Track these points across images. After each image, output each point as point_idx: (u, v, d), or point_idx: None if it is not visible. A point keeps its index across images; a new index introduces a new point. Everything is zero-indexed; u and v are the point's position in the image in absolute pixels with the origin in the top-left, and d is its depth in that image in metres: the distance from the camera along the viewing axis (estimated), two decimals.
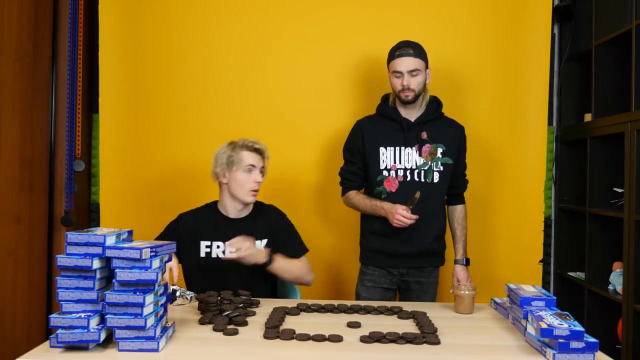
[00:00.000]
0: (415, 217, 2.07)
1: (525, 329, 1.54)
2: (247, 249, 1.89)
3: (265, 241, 2.06)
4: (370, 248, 2.25)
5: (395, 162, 2.19)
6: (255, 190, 2.03)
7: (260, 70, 2.79)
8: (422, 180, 2.19)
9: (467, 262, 2.31)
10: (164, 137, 2.79)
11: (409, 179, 2.18)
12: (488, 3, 2.77)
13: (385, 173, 2.20)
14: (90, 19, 2.84)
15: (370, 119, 2.31)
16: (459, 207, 2.34)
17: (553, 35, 2.84)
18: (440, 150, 2.21)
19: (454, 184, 2.28)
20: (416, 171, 2.19)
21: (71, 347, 1.39)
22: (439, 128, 2.23)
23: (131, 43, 2.80)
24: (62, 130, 2.78)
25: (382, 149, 2.21)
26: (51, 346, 1.39)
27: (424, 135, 2.21)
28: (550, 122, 2.84)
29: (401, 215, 2.06)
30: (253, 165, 2.02)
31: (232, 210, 2.07)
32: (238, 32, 2.79)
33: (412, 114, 2.23)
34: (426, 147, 2.20)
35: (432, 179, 2.19)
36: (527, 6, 2.77)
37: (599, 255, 2.54)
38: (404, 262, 2.22)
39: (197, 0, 2.79)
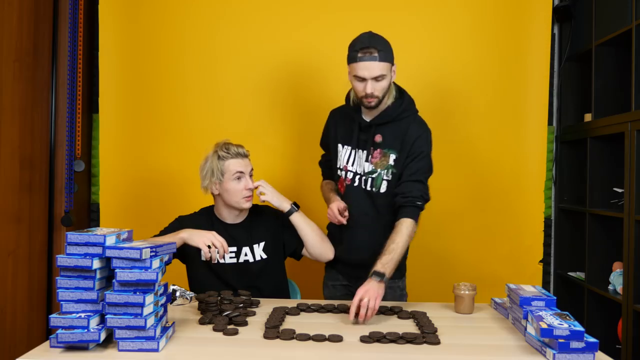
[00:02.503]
0: (343, 220, 1.98)
1: (525, 329, 1.54)
2: (272, 192, 2.04)
3: (262, 244, 2.06)
4: None
5: (347, 163, 2.04)
6: (249, 196, 2.02)
7: (261, 69, 2.79)
8: (368, 187, 1.98)
9: (382, 278, 1.74)
10: (164, 137, 2.79)
11: (356, 183, 2.01)
12: (488, 3, 2.77)
13: (339, 172, 2.07)
14: (90, 19, 2.84)
15: (339, 111, 2.14)
16: (403, 221, 1.87)
17: (553, 35, 2.84)
18: (393, 157, 1.95)
19: (397, 191, 1.93)
20: (363, 177, 2.00)
21: (71, 347, 1.39)
22: (397, 131, 1.95)
23: (131, 43, 2.80)
24: (62, 130, 2.78)
25: (339, 146, 2.06)
26: (51, 346, 1.39)
27: (378, 138, 1.96)
28: (550, 122, 2.84)
29: (333, 209, 1.98)
30: (242, 172, 2.00)
31: (229, 216, 2.07)
32: (238, 32, 2.79)
33: (371, 113, 1.98)
34: (377, 153, 1.97)
35: (379, 188, 1.97)
36: (527, 6, 2.77)
37: (599, 255, 2.54)
38: (349, 270, 2.10)
39: (197, 0, 2.79)
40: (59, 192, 2.78)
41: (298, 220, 2.05)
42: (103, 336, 1.39)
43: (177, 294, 1.89)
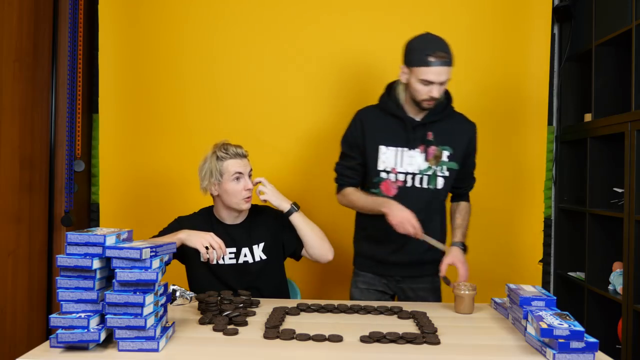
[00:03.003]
0: (420, 236, 1.91)
1: (525, 329, 1.54)
2: (272, 191, 2.04)
3: (262, 244, 2.06)
4: (362, 252, 2.16)
5: (395, 165, 2.01)
6: (248, 197, 2.01)
7: (260, 69, 2.79)
8: (425, 186, 2.02)
9: (465, 248, 2.08)
10: (163, 137, 2.79)
11: (409, 184, 2.01)
12: (488, 3, 2.77)
13: (383, 175, 2.02)
14: (90, 19, 2.84)
15: (372, 111, 2.08)
16: (463, 203, 2.17)
17: (553, 35, 2.84)
18: (446, 153, 2.02)
19: (460, 185, 2.13)
20: (418, 176, 2.01)
21: (71, 347, 1.39)
22: (447, 128, 2.02)
23: (131, 43, 2.80)
24: (62, 130, 2.78)
25: (382, 148, 2.01)
26: (51, 346, 1.39)
27: (430, 136, 2.01)
28: (550, 122, 2.84)
29: (409, 224, 1.88)
30: (240, 173, 1.99)
31: (228, 217, 2.07)
32: (238, 32, 2.79)
33: (419, 112, 2.01)
34: (431, 150, 2.01)
35: (436, 184, 2.03)
36: (527, 6, 2.77)
37: (599, 255, 2.55)
38: (395, 271, 2.10)
39: (197, 1, 2.79)
40: (59, 192, 2.78)
41: (298, 220, 2.05)
42: (103, 336, 1.39)
43: (177, 294, 1.89)
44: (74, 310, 1.39)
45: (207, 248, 1.86)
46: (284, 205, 2.05)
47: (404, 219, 1.90)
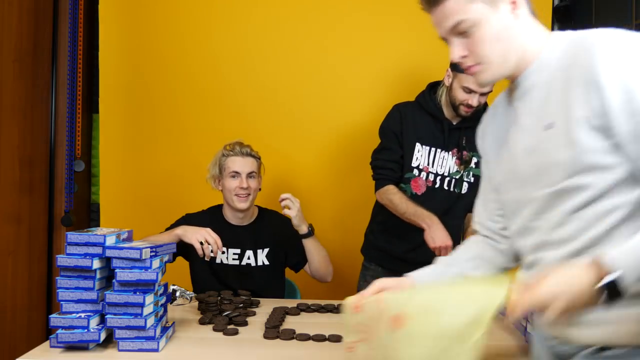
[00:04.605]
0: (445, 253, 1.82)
1: (525, 329, 1.54)
2: (298, 210, 1.99)
3: (266, 250, 2.06)
4: (376, 245, 2.16)
5: (428, 164, 2.04)
6: (241, 195, 2.01)
7: (262, 69, 2.78)
8: (451, 189, 2.04)
9: None
10: (164, 137, 2.79)
11: (437, 185, 2.04)
12: None
13: (415, 172, 2.04)
14: (90, 19, 2.84)
15: (410, 108, 2.09)
16: None
17: None
18: (474, 159, 2.04)
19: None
20: (447, 178, 2.04)
21: (71, 347, 1.39)
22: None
23: (131, 43, 2.80)
24: (62, 130, 2.78)
25: (418, 145, 2.03)
26: (51, 346, 1.39)
27: (463, 140, 2.04)
28: None
29: (445, 251, 1.80)
30: (237, 172, 2.01)
31: (233, 217, 2.08)
32: (238, 32, 2.78)
33: (455, 116, 2.05)
34: (463, 154, 2.04)
35: (461, 189, 2.05)
36: None
37: None
38: (404, 267, 2.11)
39: (198, 0, 2.78)
40: (59, 192, 2.78)
41: (310, 245, 2.07)
42: (103, 336, 1.39)
43: (177, 294, 1.89)
44: (74, 310, 1.40)
45: (202, 244, 1.86)
46: (303, 227, 2.05)
47: (442, 244, 1.82)
